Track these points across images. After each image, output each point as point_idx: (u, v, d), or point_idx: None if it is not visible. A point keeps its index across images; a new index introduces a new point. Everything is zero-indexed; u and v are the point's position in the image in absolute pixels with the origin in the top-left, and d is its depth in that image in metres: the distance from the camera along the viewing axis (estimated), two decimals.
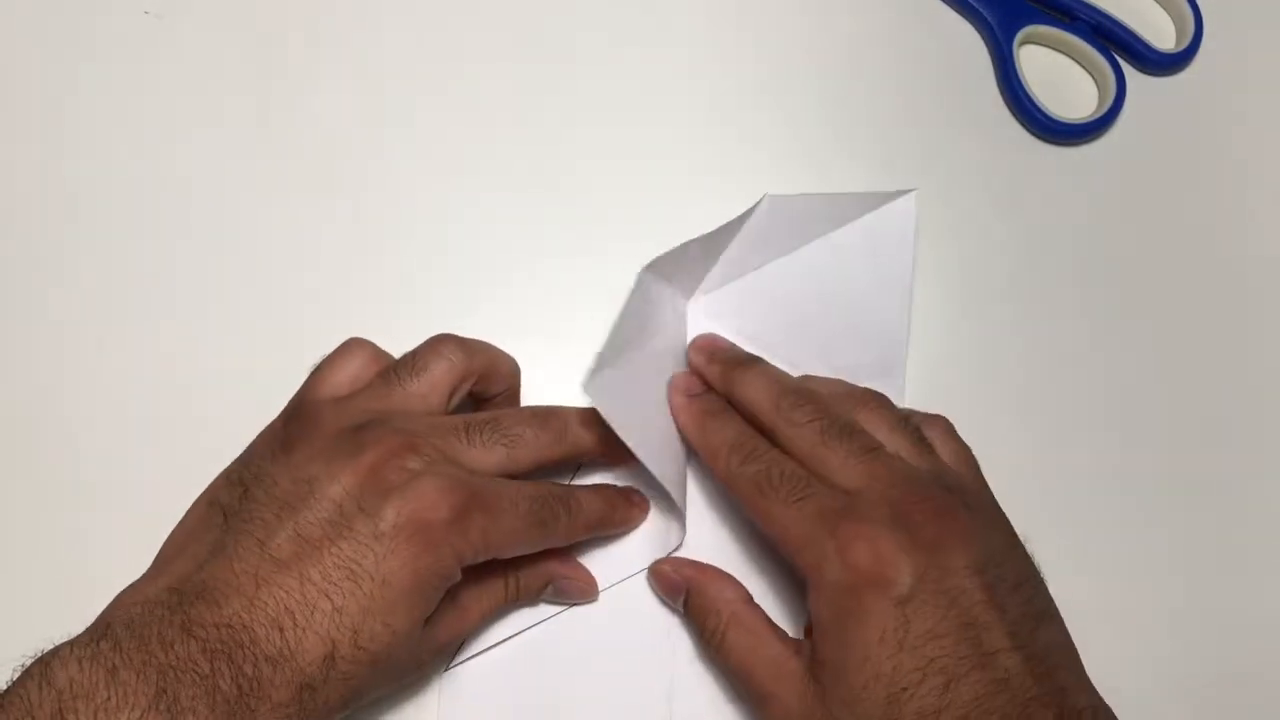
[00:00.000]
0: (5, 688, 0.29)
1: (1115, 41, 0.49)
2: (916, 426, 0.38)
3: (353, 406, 0.35)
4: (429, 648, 0.36)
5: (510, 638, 0.39)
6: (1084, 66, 0.49)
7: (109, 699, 0.28)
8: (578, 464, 0.40)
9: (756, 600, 0.38)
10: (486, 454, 0.35)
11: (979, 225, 0.46)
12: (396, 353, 0.38)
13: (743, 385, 0.39)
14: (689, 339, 0.42)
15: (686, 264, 0.42)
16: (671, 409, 0.40)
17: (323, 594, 0.31)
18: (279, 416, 0.37)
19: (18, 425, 0.41)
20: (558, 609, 0.39)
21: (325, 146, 0.45)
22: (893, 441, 0.37)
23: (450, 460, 0.34)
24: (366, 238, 0.44)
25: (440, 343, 0.37)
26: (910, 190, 0.42)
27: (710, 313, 0.42)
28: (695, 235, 0.41)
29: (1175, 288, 0.46)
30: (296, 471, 0.33)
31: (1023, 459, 0.43)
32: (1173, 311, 0.46)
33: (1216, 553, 0.43)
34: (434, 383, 0.36)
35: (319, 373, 0.37)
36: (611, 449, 0.38)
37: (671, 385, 0.40)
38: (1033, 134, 0.48)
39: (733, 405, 0.39)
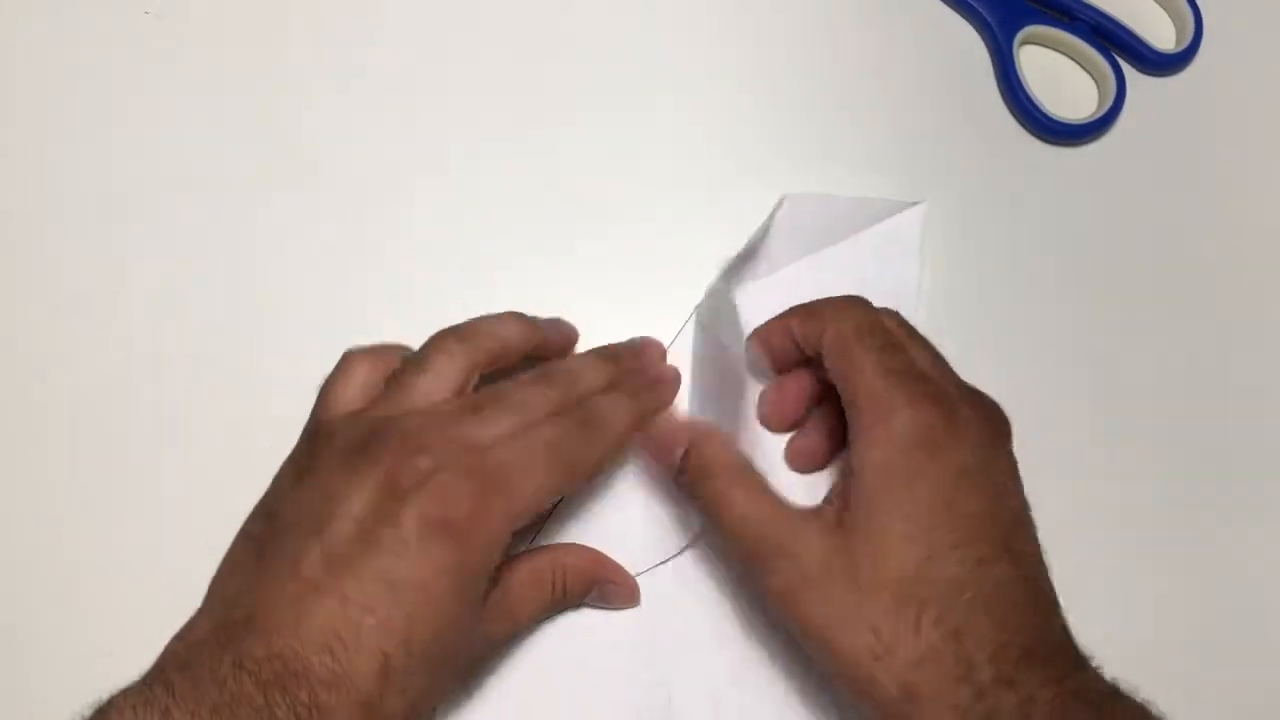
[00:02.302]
0: None
1: (1115, 41, 0.49)
2: None
3: (364, 418, 0.35)
4: (484, 642, 0.35)
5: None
6: (1084, 66, 0.49)
7: None
8: (542, 520, 0.40)
9: (749, 605, 0.39)
10: (498, 425, 0.35)
11: (978, 225, 0.46)
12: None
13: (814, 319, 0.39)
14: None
15: (737, 265, 0.43)
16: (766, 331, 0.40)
17: (365, 610, 0.31)
18: (299, 440, 0.37)
19: (17, 430, 0.41)
20: None
21: (325, 146, 0.45)
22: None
23: (462, 445, 0.34)
24: (367, 236, 0.44)
25: (441, 338, 0.37)
26: (919, 202, 0.43)
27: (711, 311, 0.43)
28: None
29: (1175, 287, 0.46)
30: (317, 492, 0.33)
31: (1022, 457, 0.43)
32: (1173, 311, 0.46)
33: (1217, 551, 0.43)
34: (440, 378, 0.36)
35: (325, 395, 0.37)
36: (623, 387, 0.38)
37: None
38: (1033, 134, 0.48)
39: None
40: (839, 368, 0.36)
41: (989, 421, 0.36)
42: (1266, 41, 0.50)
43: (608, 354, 0.39)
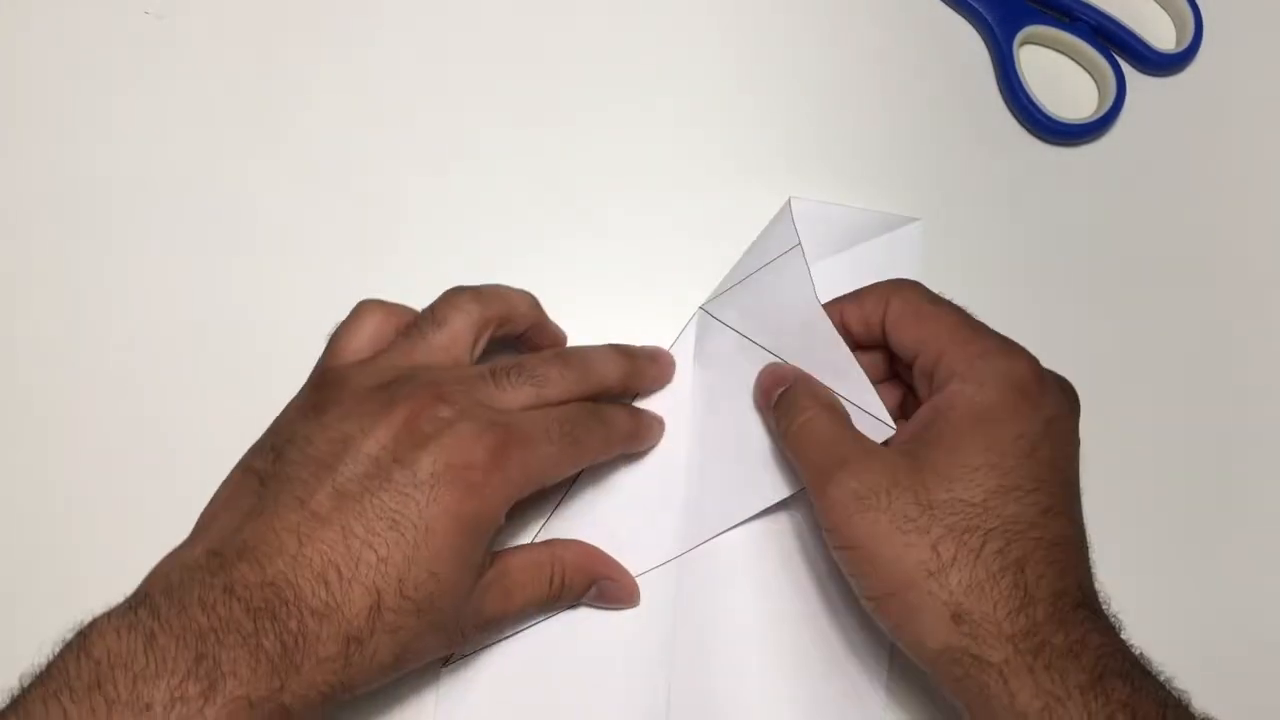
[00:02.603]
0: (47, 662, 0.29)
1: (1115, 41, 0.49)
2: None
3: (379, 365, 0.36)
4: (474, 616, 0.35)
5: (510, 635, 0.39)
6: (1084, 66, 0.49)
7: (147, 667, 0.28)
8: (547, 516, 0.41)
9: (749, 607, 0.39)
10: (515, 395, 0.36)
11: (979, 225, 0.46)
12: None
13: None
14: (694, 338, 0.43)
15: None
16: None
17: (366, 545, 0.31)
18: (304, 386, 0.37)
19: (34, 421, 0.41)
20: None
21: (326, 145, 0.45)
22: None
23: (480, 404, 0.35)
24: (367, 236, 0.44)
25: (455, 294, 0.38)
26: (916, 219, 0.44)
27: (730, 308, 0.43)
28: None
29: (1175, 287, 0.46)
30: (330, 431, 0.34)
31: None
32: (1173, 310, 0.46)
33: (1217, 550, 0.43)
34: (455, 335, 0.37)
35: (337, 339, 0.38)
36: (632, 385, 0.40)
37: None
38: (1033, 134, 0.48)
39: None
40: (913, 332, 0.37)
41: (1068, 392, 0.37)
42: (1266, 41, 0.50)
43: (624, 350, 0.40)
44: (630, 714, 0.38)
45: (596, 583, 0.39)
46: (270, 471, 0.34)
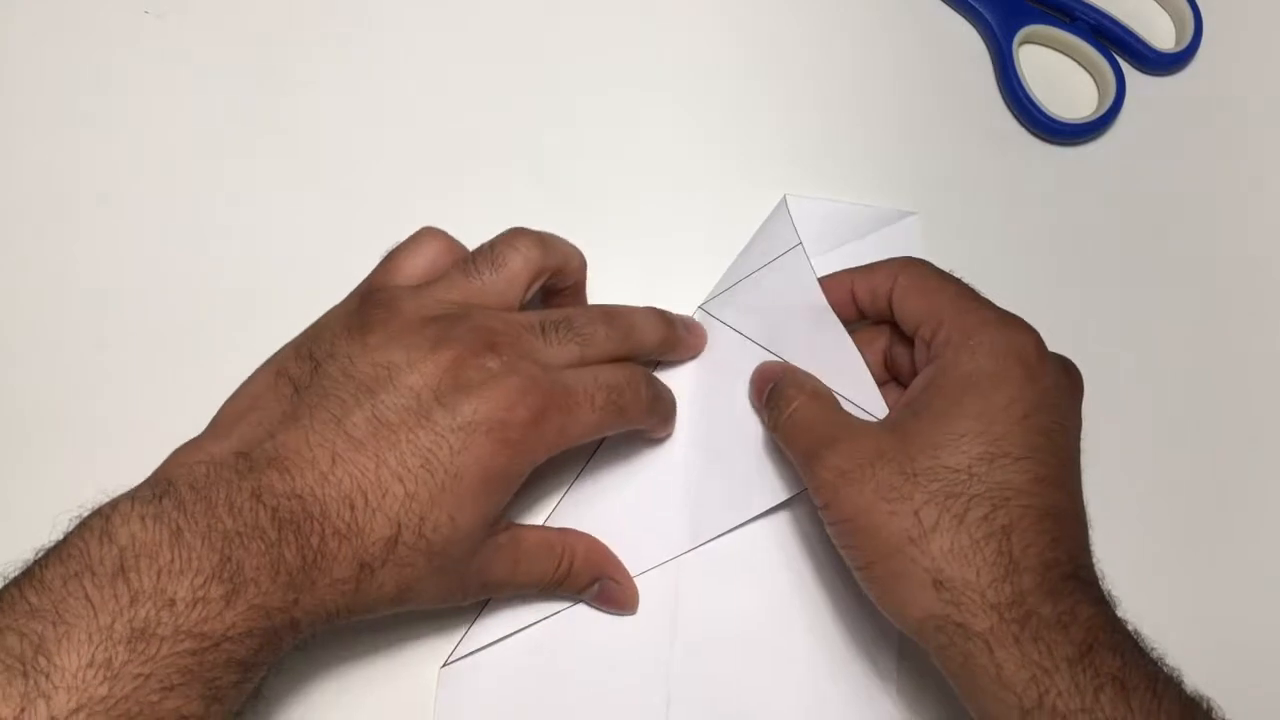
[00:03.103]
0: (62, 537, 0.29)
1: (1115, 41, 0.49)
2: None
3: (431, 296, 0.36)
4: (479, 575, 0.35)
5: (510, 635, 0.39)
6: (1084, 66, 0.49)
7: (172, 561, 0.28)
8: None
9: (749, 606, 0.39)
10: (562, 350, 0.36)
11: (979, 225, 0.46)
12: None
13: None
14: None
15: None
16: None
17: (396, 478, 0.32)
18: (350, 296, 0.37)
19: (15, 430, 0.41)
20: (557, 607, 0.39)
21: (326, 145, 0.45)
22: None
23: (527, 358, 0.34)
24: (367, 236, 0.44)
25: (517, 236, 0.37)
26: (913, 214, 0.44)
27: (730, 307, 0.42)
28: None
29: (1175, 287, 0.46)
30: (375, 355, 0.33)
31: None
32: (1173, 310, 0.46)
33: (1217, 545, 0.43)
34: (512, 277, 0.36)
35: (393, 259, 0.38)
36: (668, 352, 0.40)
37: None
38: (1033, 134, 0.48)
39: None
40: (919, 303, 0.37)
41: (1070, 371, 0.37)
42: (1266, 41, 0.50)
43: (665, 315, 0.40)
44: (630, 714, 0.38)
45: (600, 580, 0.39)
46: (307, 382, 0.33)
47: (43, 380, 0.41)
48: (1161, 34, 0.49)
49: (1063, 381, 0.36)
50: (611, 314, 0.38)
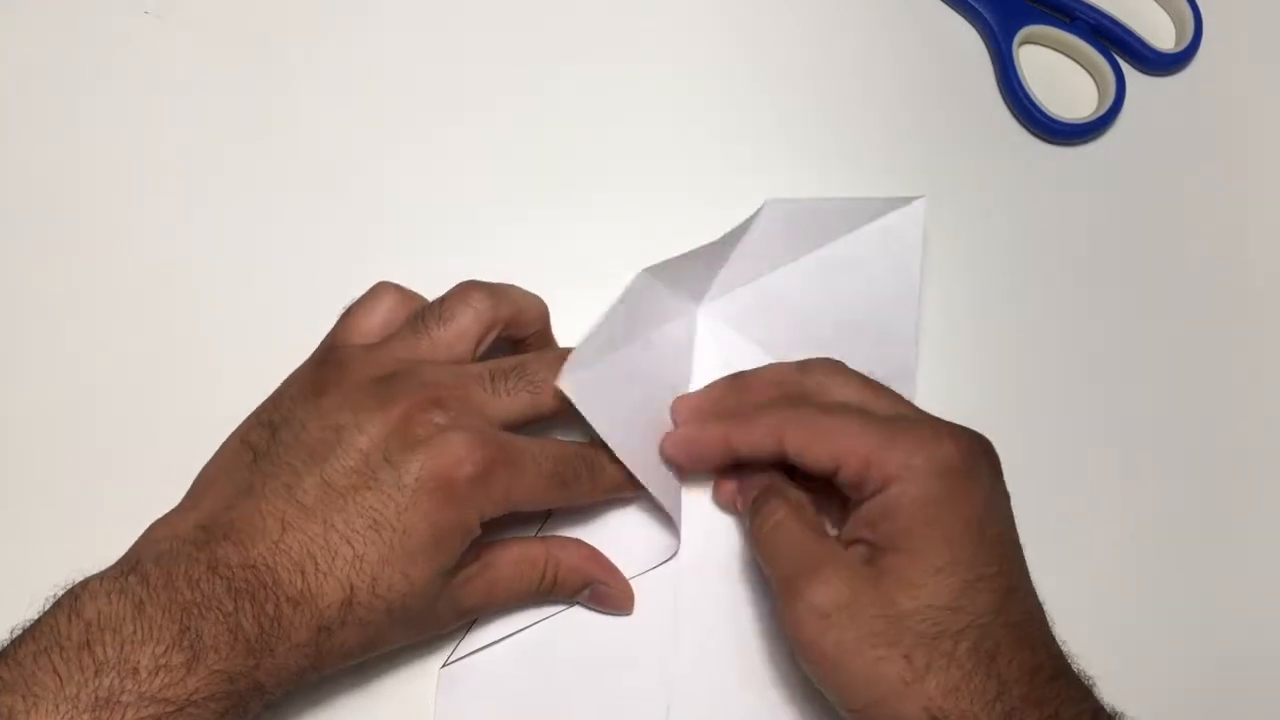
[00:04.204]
0: (36, 616, 0.30)
1: (1115, 41, 0.49)
2: None
3: (382, 355, 0.36)
4: (452, 608, 0.36)
5: (510, 636, 0.39)
6: (1084, 66, 0.49)
7: (135, 633, 0.29)
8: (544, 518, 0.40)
9: (749, 607, 0.39)
10: (512, 401, 0.36)
11: (979, 225, 0.46)
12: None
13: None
14: (697, 344, 0.42)
15: (691, 270, 0.41)
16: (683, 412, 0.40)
17: (345, 540, 0.32)
18: (309, 359, 0.37)
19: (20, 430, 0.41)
20: (557, 608, 0.39)
21: (325, 145, 0.45)
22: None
23: (476, 412, 0.35)
24: (367, 236, 0.44)
25: (467, 290, 0.38)
26: (919, 197, 0.42)
27: (721, 317, 0.42)
28: (692, 236, 0.41)
29: (1175, 287, 0.46)
30: (325, 419, 0.34)
31: (1024, 457, 0.43)
32: (1173, 311, 0.46)
33: (1219, 552, 0.43)
34: (461, 331, 0.37)
35: (349, 317, 0.38)
36: None
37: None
38: (1033, 134, 0.48)
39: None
40: (824, 450, 0.35)
41: (989, 453, 0.36)
42: (1266, 41, 0.50)
43: None
44: (631, 714, 0.38)
45: (590, 585, 0.39)
46: (264, 450, 0.34)
47: (43, 380, 0.42)
48: (1161, 34, 0.49)
49: (991, 473, 0.35)
50: (567, 358, 0.37)
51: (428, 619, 0.35)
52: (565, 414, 0.37)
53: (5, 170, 0.44)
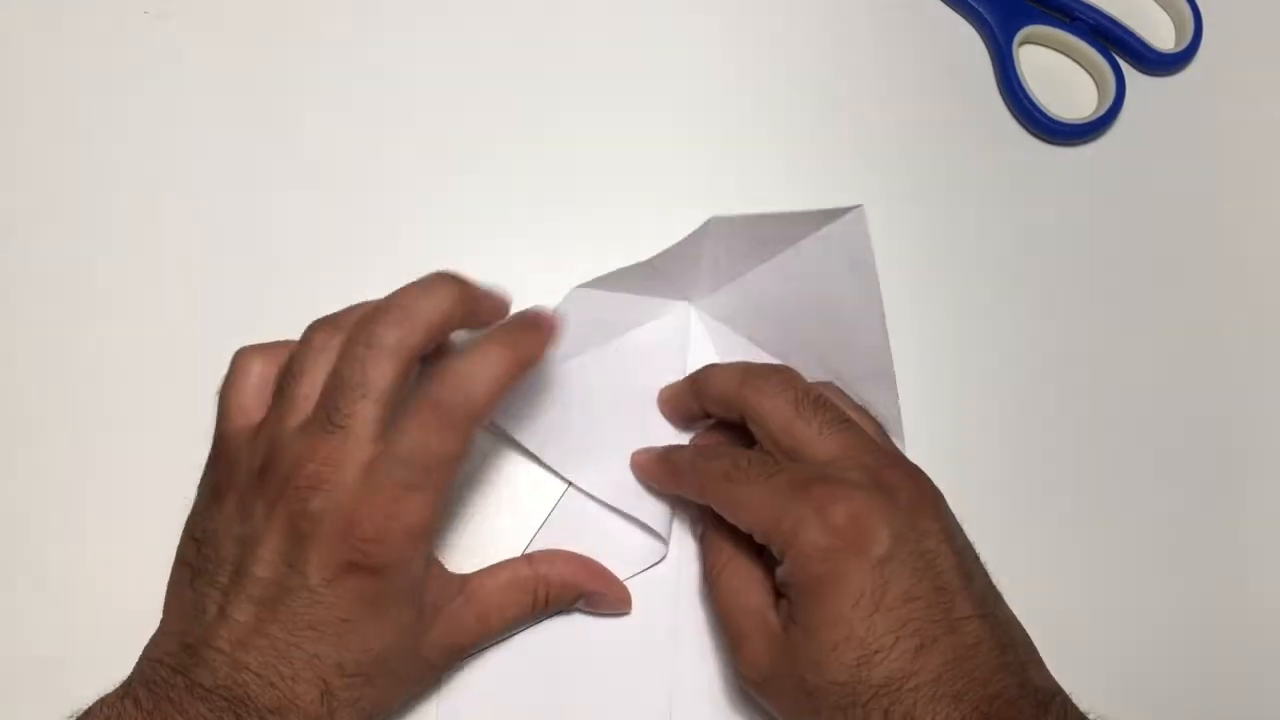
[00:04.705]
0: None
1: (1115, 41, 0.49)
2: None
3: (259, 439, 0.34)
4: (440, 651, 0.36)
5: (510, 636, 0.39)
6: (1084, 66, 0.49)
7: None
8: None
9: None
10: (358, 426, 0.33)
11: (978, 225, 0.46)
12: None
13: (707, 378, 0.39)
14: (693, 339, 0.42)
15: (629, 283, 0.41)
16: (635, 466, 0.40)
17: (294, 645, 0.32)
18: (209, 455, 0.37)
19: (20, 423, 0.41)
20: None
21: (325, 145, 0.45)
22: (856, 417, 0.38)
23: (342, 464, 0.33)
24: (367, 236, 0.44)
25: (309, 334, 0.35)
26: (856, 206, 0.39)
27: (711, 314, 0.42)
28: (686, 232, 0.41)
29: (1175, 287, 0.46)
30: (230, 529, 0.34)
31: (1023, 458, 0.43)
32: (1173, 311, 0.46)
33: (1213, 555, 0.43)
34: (315, 382, 0.34)
35: (223, 400, 0.36)
36: (469, 322, 0.36)
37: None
38: (1033, 134, 0.48)
39: (703, 404, 0.39)
40: (737, 521, 0.36)
41: (903, 494, 0.34)
42: (1266, 41, 0.50)
43: (447, 277, 0.36)
44: (633, 713, 0.38)
45: (584, 595, 0.39)
46: (198, 568, 0.34)
47: (43, 381, 0.42)
48: (1161, 34, 0.49)
49: (897, 522, 0.33)
50: (383, 308, 0.34)
51: (420, 668, 0.35)
52: (425, 348, 0.34)
53: (5, 170, 0.44)
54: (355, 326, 0.34)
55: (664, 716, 0.38)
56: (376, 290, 0.41)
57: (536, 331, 0.35)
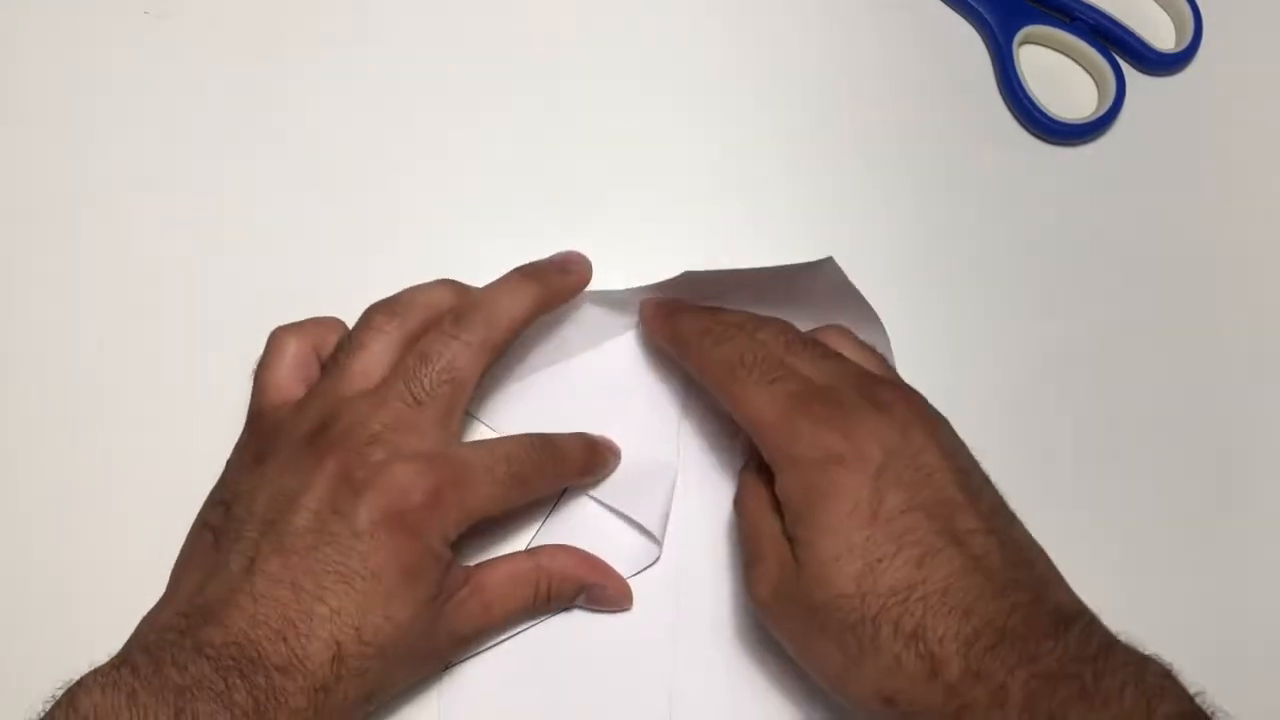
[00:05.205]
0: (37, 718, 0.30)
1: (1115, 41, 0.49)
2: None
3: (308, 408, 0.36)
4: (449, 637, 0.36)
5: (510, 636, 0.39)
6: (1084, 66, 0.49)
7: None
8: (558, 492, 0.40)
9: (727, 599, 0.39)
10: (434, 404, 0.35)
11: (978, 225, 0.46)
12: None
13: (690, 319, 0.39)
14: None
15: (624, 300, 0.41)
16: (642, 319, 0.41)
17: (317, 599, 0.32)
18: (244, 431, 0.38)
19: (21, 423, 0.41)
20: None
21: (325, 144, 0.45)
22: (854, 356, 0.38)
23: (411, 433, 0.34)
24: (366, 236, 0.44)
25: (372, 314, 0.37)
26: (826, 257, 0.38)
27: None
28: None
29: (1175, 287, 0.46)
30: (271, 486, 0.34)
31: (1023, 458, 0.43)
32: (1173, 311, 0.46)
33: (1213, 555, 0.43)
34: (374, 356, 0.36)
35: (260, 377, 0.38)
36: (546, 308, 0.39)
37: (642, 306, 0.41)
38: (1033, 134, 0.48)
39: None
40: (723, 398, 0.37)
41: (898, 409, 0.35)
42: (1266, 41, 0.50)
43: (526, 273, 0.39)
44: (632, 712, 0.38)
45: (585, 589, 0.39)
46: (222, 528, 0.34)
47: (43, 381, 0.42)
48: (1161, 34, 0.49)
49: (891, 437, 0.34)
50: (462, 317, 0.37)
51: (426, 653, 0.35)
52: (492, 362, 0.37)
53: (5, 170, 0.44)
54: (447, 320, 0.36)
55: (664, 716, 0.38)
56: (376, 290, 0.41)
57: (564, 276, 0.39)
